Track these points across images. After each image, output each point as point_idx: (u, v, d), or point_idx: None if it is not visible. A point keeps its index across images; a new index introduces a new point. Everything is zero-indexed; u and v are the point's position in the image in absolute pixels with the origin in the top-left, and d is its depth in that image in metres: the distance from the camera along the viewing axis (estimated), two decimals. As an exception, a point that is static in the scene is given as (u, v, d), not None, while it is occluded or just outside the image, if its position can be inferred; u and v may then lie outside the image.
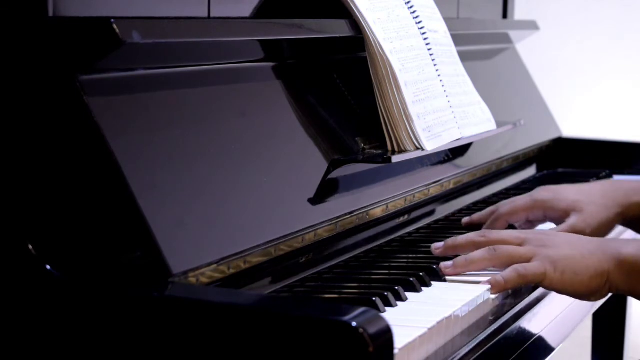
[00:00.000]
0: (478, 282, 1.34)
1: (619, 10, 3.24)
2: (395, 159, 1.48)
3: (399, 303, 1.25)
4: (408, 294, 1.28)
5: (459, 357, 1.18)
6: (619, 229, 1.76)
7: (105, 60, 1.13)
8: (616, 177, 2.11)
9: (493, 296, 1.32)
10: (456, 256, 1.40)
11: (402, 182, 1.58)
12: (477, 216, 1.68)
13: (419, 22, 1.66)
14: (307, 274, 1.33)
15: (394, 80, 1.52)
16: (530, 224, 1.70)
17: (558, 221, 1.66)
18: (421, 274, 1.34)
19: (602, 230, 1.65)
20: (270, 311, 0.99)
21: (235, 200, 1.23)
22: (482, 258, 1.37)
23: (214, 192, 1.21)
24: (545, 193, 1.68)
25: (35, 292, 1.07)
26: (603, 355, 2.33)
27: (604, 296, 1.38)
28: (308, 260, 1.35)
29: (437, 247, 1.44)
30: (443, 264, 1.38)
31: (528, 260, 1.36)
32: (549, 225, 1.69)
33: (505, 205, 1.67)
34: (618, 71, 3.25)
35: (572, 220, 1.62)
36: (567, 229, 1.61)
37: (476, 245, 1.40)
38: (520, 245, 1.38)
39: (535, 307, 1.40)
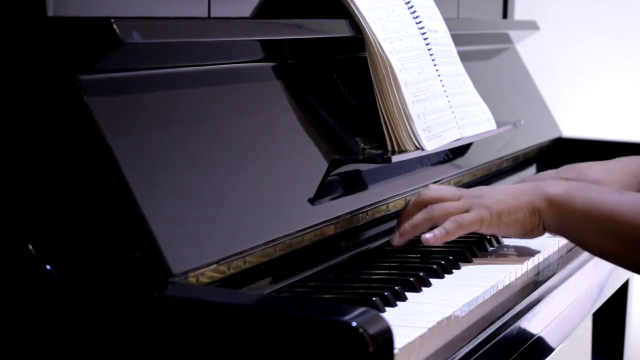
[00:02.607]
0: (476, 284, 1.35)
1: (619, 10, 3.24)
2: (395, 159, 1.48)
3: (399, 303, 1.26)
4: (408, 294, 1.28)
5: (459, 357, 1.18)
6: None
7: (105, 60, 1.13)
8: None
9: (492, 296, 1.32)
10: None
11: (402, 182, 1.58)
12: None
13: (419, 22, 1.65)
14: (307, 274, 1.33)
15: (394, 80, 1.52)
16: None
17: None
18: (421, 273, 1.34)
19: None
20: (270, 311, 0.99)
21: (235, 200, 1.23)
22: (422, 219, 1.46)
23: (214, 192, 1.21)
24: (570, 173, 1.71)
25: (35, 292, 1.07)
26: (603, 355, 2.33)
27: (542, 234, 1.47)
28: (308, 260, 1.35)
29: (394, 238, 1.48)
30: (391, 238, 1.47)
31: (465, 211, 1.45)
32: None
33: (532, 177, 1.73)
34: (618, 71, 3.24)
35: None
36: None
37: (422, 214, 1.46)
38: (457, 201, 1.47)
39: (535, 307, 1.40)
